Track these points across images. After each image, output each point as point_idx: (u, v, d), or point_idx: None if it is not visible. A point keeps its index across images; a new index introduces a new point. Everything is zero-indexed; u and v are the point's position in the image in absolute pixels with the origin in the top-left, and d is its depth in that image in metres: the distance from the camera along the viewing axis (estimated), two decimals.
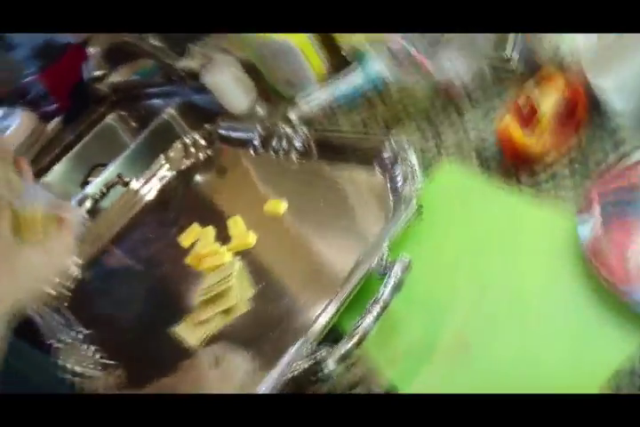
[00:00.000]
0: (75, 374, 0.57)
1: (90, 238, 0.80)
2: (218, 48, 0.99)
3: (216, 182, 0.82)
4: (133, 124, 1.29)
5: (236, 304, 0.58)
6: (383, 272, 0.48)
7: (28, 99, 1.07)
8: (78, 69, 1.37)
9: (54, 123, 1.11)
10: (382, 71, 0.73)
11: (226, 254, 0.64)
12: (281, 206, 0.66)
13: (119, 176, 0.86)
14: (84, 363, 0.58)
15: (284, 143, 0.74)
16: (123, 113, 1.29)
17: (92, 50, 1.15)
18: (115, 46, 1.35)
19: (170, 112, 1.10)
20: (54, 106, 1.01)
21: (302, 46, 0.80)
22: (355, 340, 0.44)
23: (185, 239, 0.70)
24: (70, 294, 0.71)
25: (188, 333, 0.58)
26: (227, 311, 0.58)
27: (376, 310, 0.45)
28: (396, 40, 0.66)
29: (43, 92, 0.93)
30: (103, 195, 0.84)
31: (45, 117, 1.09)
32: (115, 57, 1.41)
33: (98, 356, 0.60)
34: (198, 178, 0.85)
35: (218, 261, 0.62)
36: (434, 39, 0.63)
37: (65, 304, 0.69)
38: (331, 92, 0.81)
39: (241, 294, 0.59)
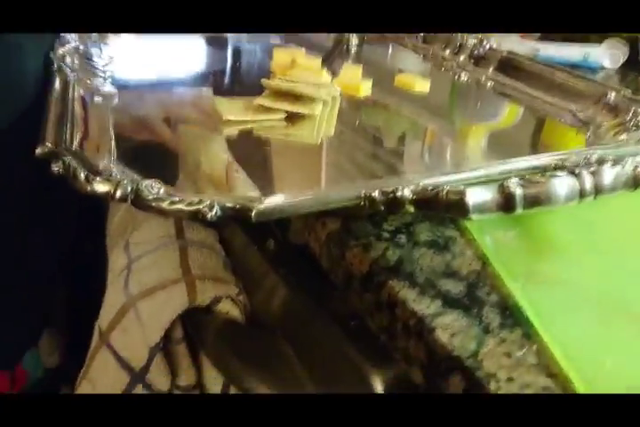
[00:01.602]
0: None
1: None
2: None
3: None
4: None
5: (308, 120, 0.38)
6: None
7: None
8: None
9: None
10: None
11: (325, 75, 0.44)
12: (422, 85, 0.48)
13: None
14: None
15: (457, 45, 0.56)
16: None
17: None
18: None
19: None
20: None
21: None
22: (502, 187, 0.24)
23: (280, 53, 0.50)
24: None
25: (231, 108, 0.37)
26: (291, 120, 0.38)
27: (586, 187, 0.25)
28: None
29: None
30: None
31: None
32: None
33: None
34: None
35: (312, 77, 0.42)
36: None
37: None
38: (532, 48, 0.64)
39: (321, 120, 0.39)
